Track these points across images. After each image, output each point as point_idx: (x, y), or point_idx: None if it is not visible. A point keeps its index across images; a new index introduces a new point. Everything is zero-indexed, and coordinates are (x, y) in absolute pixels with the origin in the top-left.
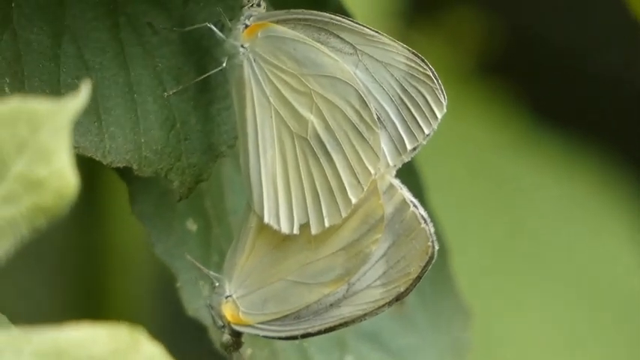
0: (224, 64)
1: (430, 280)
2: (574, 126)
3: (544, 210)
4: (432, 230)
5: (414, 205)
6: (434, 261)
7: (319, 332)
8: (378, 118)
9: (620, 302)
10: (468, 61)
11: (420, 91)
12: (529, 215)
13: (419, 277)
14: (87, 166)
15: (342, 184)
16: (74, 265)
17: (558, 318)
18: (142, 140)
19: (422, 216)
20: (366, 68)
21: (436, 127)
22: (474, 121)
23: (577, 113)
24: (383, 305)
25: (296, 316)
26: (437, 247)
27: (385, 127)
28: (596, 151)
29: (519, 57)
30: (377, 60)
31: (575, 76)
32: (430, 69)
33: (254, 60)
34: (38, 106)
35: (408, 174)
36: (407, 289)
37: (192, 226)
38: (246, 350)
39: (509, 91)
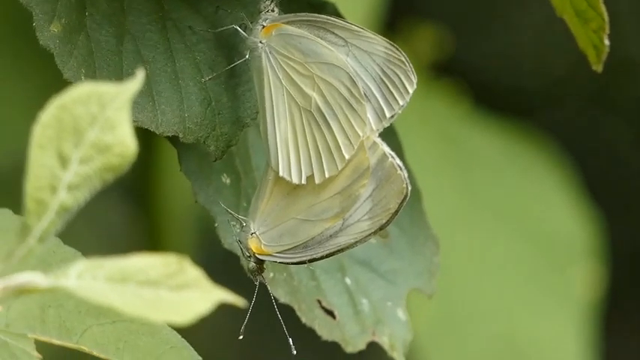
0: (247, 56)
1: (408, 216)
2: (503, 108)
3: (490, 164)
4: (406, 175)
5: (392, 157)
6: (408, 199)
7: (322, 257)
8: (365, 94)
9: (547, 236)
10: (424, 61)
11: (395, 73)
12: (478, 168)
13: (397, 212)
14: (145, 136)
15: (338, 144)
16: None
17: (499, 250)
18: (186, 115)
19: (398, 165)
20: (355, 56)
21: (409, 100)
22: (434, 103)
23: (504, 100)
24: (370, 234)
25: (304, 246)
26: (410, 188)
27: (370, 101)
28: (523, 123)
29: (461, 61)
30: (363, 50)
31: (500, 72)
32: (403, 55)
33: (270, 52)
34: (105, 88)
35: (390, 135)
36: (388, 220)
37: (225, 179)
38: (269, 274)
39: (455, 85)
